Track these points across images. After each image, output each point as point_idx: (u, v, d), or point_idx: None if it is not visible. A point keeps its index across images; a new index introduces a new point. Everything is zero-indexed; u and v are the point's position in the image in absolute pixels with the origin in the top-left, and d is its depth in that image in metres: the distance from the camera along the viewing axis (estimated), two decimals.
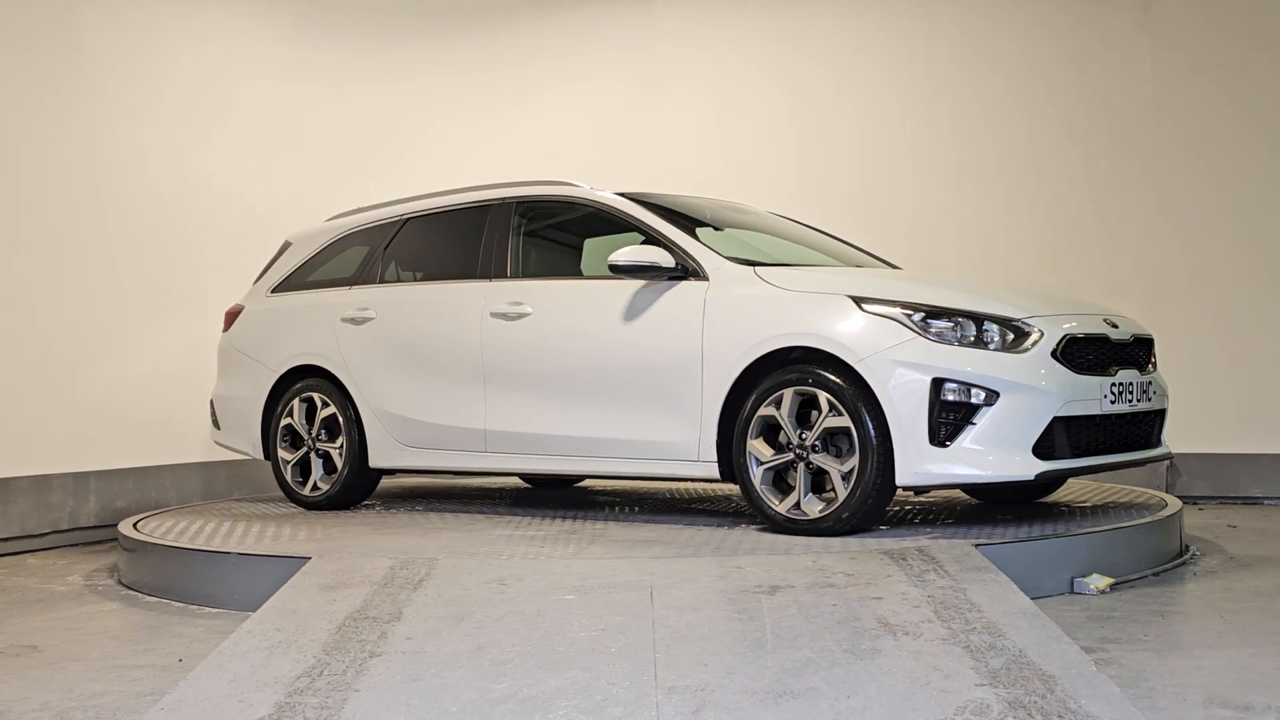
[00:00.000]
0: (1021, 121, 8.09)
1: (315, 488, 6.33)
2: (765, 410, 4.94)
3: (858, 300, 4.87)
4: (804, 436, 4.88)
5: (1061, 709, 2.95)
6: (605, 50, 8.78)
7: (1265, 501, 7.47)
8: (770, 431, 5.00)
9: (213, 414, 6.87)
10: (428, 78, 8.72)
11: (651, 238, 5.46)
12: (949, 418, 4.66)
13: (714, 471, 5.12)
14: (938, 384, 4.65)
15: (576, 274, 6.02)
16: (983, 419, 4.65)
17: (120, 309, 7.33)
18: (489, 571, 4.32)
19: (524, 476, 7.48)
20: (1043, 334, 4.83)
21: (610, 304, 5.42)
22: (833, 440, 4.87)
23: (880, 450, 4.71)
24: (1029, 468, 4.69)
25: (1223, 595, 4.74)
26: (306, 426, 6.36)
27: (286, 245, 6.90)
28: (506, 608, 3.89)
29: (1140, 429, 5.27)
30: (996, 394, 4.66)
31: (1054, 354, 4.82)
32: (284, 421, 6.41)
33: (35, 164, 6.99)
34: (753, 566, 4.30)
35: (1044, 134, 8.05)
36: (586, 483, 7.61)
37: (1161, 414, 5.43)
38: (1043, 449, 4.74)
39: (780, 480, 5.02)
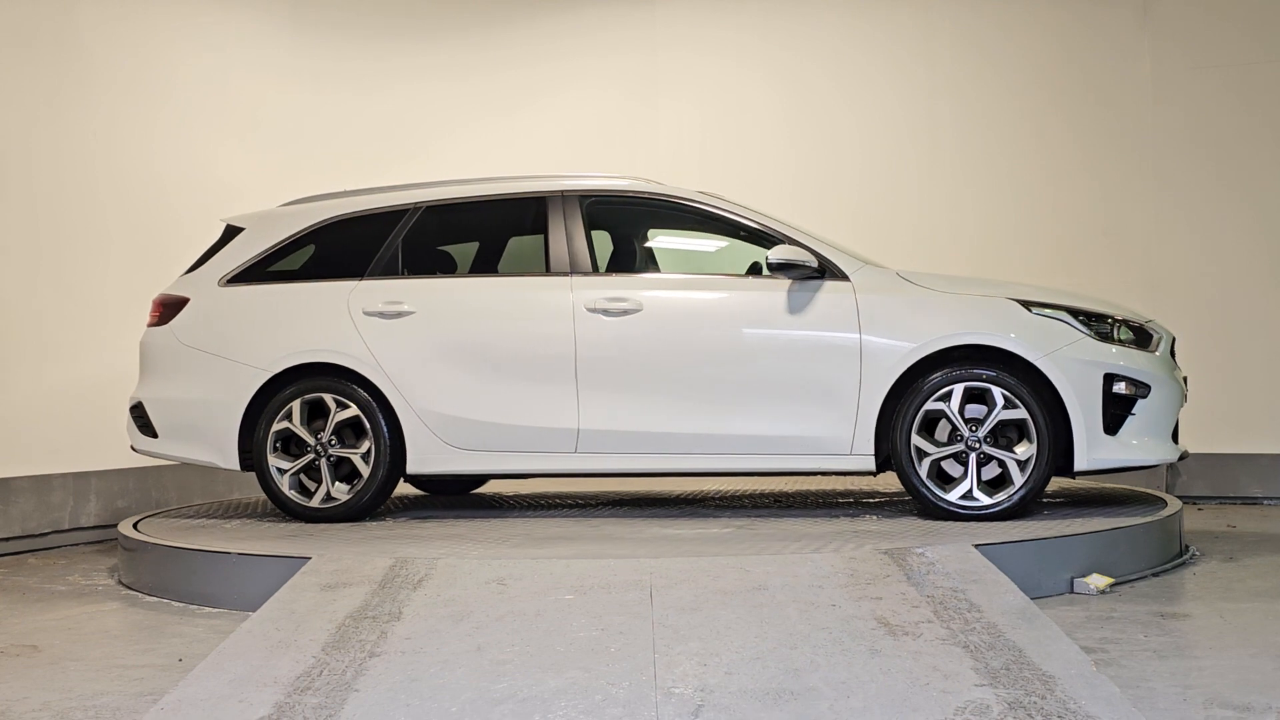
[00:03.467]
0: (1022, 121, 8.09)
1: (329, 498, 5.72)
2: (933, 405, 5.22)
3: (1024, 303, 5.32)
4: (974, 429, 5.20)
5: (1061, 709, 2.95)
6: (604, 54, 8.77)
7: (1265, 501, 7.47)
8: (928, 425, 5.27)
9: (141, 419, 6.01)
10: (427, 81, 8.70)
11: (773, 238, 5.55)
12: (1115, 409, 5.21)
13: (870, 465, 5.33)
14: (1108, 379, 5.20)
15: (683, 270, 5.92)
16: (1140, 410, 5.24)
17: (122, 310, 7.32)
18: (489, 571, 4.32)
19: (429, 481, 7.02)
20: (1160, 336, 5.48)
21: (744, 301, 5.48)
22: (1002, 432, 5.24)
23: (1053, 440, 5.15)
24: (1172, 452, 5.36)
25: (1223, 595, 4.74)
26: (311, 431, 5.75)
27: (235, 230, 6.14)
28: (506, 608, 3.89)
29: None
30: (1149, 388, 5.25)
31: (1170, 353, 5.51)
32: (278, 426, 5.74)
33: (39, 165, 6.98)
34: (752, 567, 4.30)
35: (1044, 133, 8.05)
36: (490, 485, 7.25)
37: None
38: (1174, 436, 5.43)
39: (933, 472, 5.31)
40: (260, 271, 6.02)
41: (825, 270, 5.41)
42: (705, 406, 5.42)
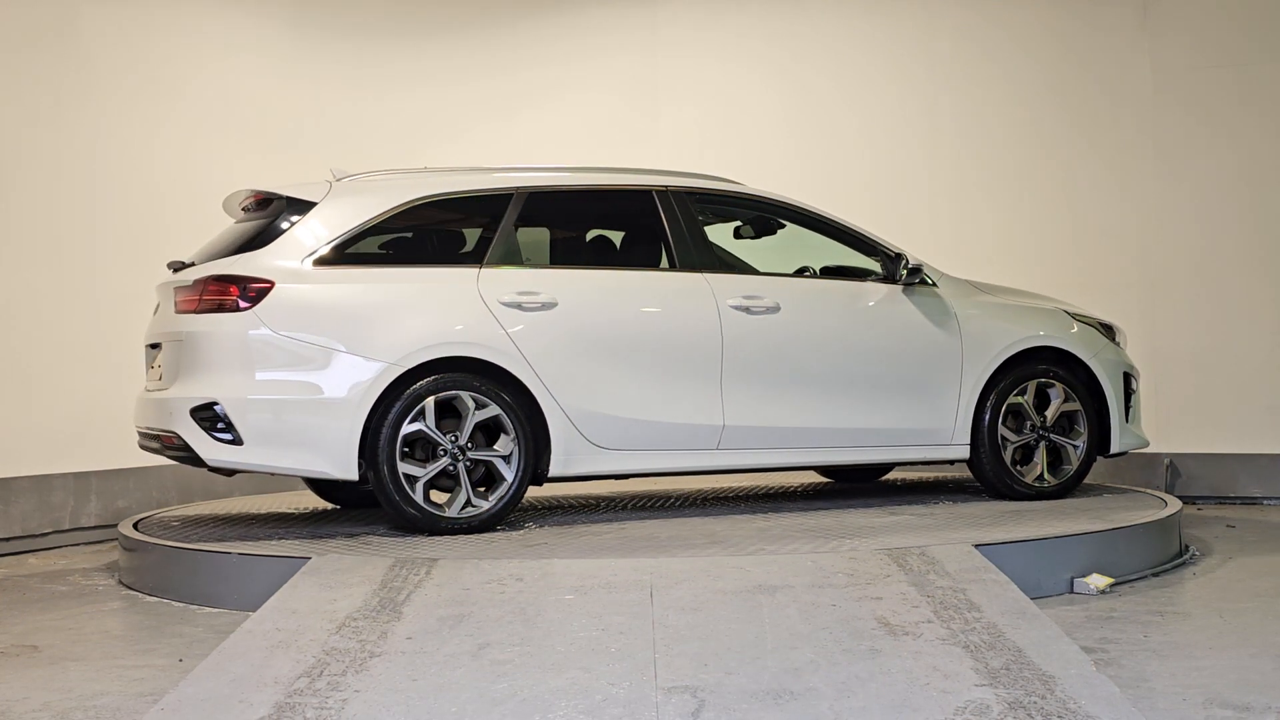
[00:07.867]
0: (1024, 121, 8.08)
1: (468, 506, 5.19)
2: (1015, 399, 5.89)
3: (1070, 314, 6.15)
4: (1043, 420, 5.93)
5: (1061, 709, 2.96)
6: (605, 57, 8.75)
7: (1264, 501, 7.47)
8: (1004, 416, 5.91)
9: (215, 423, 5.08)
10: (429, 84, 8.68)
11: (869, 247, 5.98)
12: (1126, 401, 6.09)
13: (966, 453, 5.88)
14: (1125, 376, 6.11)
15: (800, 271, 6.03)
16: (1134, 401, 6.19)
17: (124, 311, 7.31)
18: (489, 571, 4.32)
19: (337, 493, 6.28)
20: (1122, 333, 6.32)
21: (873, 303, 5.86)
22: (1058, 422, 5.97)
23: (1094, 428, 5.97)
24: (1148, 436, 6.31)
25: (1222, 595, 4.74)
26: (442, 433, 5.17)
27: (300, 204, 5.39)
28: (506, 608, 3.89)
29: None
30: (1135, 380, 6.20)
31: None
32: (409, 428, 5.11)
33: (39, 166, 6.98)
34: (753, 567, 4.31)
35: (1045, 133, 8.04)
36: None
37: None
38: None
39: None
40: (347, 253, 5.31)
41: (922, 278, 5.91)
42: (838, 402, 5.71)
